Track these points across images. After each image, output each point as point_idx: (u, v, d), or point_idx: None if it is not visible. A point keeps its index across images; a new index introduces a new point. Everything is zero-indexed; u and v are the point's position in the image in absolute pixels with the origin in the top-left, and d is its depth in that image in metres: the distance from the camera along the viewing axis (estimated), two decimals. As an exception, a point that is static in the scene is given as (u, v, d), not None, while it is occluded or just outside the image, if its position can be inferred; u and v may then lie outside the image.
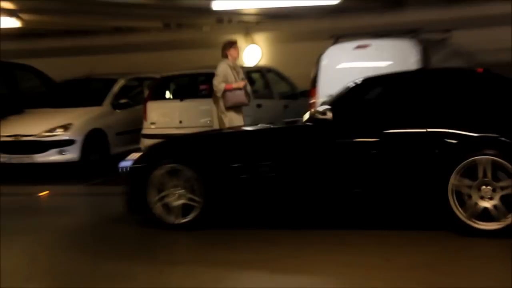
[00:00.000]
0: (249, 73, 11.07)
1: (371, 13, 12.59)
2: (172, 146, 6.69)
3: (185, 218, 5.74)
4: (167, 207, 5.85)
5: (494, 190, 4.83)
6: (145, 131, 10.16)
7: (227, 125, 8.75)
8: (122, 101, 10.91)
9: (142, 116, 10.18)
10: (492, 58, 10.60)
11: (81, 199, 9.92)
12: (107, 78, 11.62)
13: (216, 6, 10.96)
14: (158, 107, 10.40)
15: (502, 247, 4.51)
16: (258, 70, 11.63)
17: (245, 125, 8.40)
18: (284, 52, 13.84)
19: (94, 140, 10.18)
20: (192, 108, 10.18)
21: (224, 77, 8.63)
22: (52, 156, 9.93)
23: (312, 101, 9.00)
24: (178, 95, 10.71)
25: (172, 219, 5.75)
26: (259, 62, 14.25)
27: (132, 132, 10.44)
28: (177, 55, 13.81)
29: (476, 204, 4.78)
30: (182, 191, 5.72)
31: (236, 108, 8.79)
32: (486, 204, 4.76)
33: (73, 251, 5.94)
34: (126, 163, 6.68)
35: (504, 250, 4.47)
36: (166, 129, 10.03)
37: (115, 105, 10.76)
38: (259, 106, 10.12)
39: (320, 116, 5.19)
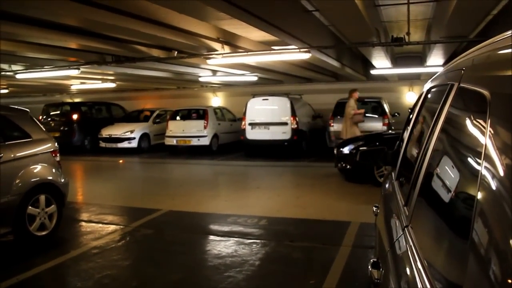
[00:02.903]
0: (216, 109, 14.98)
1: (267, 85, 17.03)
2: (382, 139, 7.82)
3: None
4: (380, 176, 7.22)
5: None
6: (167, 134, 13.89)
7: (349, 133, 9.76)
8: (157, 120, 15.50)
9: (166, 127, 14.07)
10: (319, 107, 14.83)
11: (139, 164, 12.82)
12: (151, 109, 16.25)
13: (201, 79, 15.25)
14: (173, 123, 14.07)
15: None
16: (219, 108, 15.62)
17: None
18: (231, 100, 18.25)
19: (144, 137, 14.65)
20: (188, 124, 13.85)
21: (353, 107, 10.00)
22: (125, 145, 14.32)
23: (243, 122, 12.60)
24: (182, 118, 14.48)
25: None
26: (219, 104, 18.05)
27: (161, 134, 14.30)
28: (182, 100, 17.50)
29: None
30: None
31: (356, 123, 10.17)
32: None
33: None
34: (345, 149, 8.11)
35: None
36: (176, 134, 13.61)
37: (154, 122, 15.35)
38: (219, 124, 14.11)
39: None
